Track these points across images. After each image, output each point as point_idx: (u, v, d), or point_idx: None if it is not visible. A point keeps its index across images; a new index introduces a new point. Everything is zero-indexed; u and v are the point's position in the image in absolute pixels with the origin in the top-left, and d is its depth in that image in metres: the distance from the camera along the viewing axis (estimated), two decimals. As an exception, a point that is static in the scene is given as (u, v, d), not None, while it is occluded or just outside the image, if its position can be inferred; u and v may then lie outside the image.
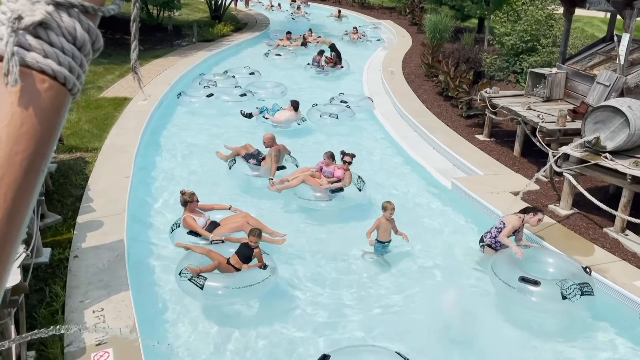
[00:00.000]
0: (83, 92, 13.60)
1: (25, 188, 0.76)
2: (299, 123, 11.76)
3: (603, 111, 7.54)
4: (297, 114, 11.73)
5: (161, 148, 10.79)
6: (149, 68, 16.37)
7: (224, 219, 7.44)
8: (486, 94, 10.90)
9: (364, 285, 6.79)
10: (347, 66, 17.45)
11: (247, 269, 6.19)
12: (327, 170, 8.56)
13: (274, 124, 11.57)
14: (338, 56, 17.22)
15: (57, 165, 9.12)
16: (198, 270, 6.02)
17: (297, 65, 17.88)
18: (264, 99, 13.47)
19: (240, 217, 7.40)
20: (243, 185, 9.09)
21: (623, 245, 7.13)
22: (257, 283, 6.02)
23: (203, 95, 13.05)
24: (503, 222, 6.90)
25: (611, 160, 7.34)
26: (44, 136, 0.77)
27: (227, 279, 6.08)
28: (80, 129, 11.08)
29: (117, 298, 5.80)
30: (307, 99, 13.38)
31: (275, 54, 18.68)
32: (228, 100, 12.97)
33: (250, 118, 12.01)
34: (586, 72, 10.18)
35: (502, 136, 11.13)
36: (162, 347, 5.39)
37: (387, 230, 7.14)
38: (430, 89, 14.75)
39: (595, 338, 5.90)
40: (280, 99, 13.36)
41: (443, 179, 9.39)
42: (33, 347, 5.04)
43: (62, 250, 6.68)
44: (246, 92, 13.44)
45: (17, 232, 0.76)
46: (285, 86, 14.46)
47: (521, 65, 14.44)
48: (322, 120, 11.95)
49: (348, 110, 12.36)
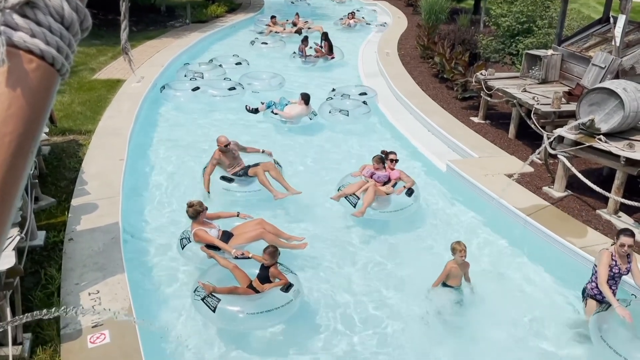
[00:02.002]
0: (75, 74, 13.51)
1: (14, 170, 0.75)
2: (311, 118, 10.95)
3: (598, 93, 7.53)
4: (308, 108, 10.93)
5: (156, 130, 10.73)
6: (142, 49, 16.20)
7: (235, 227, 6.77)
8: (482, 76, 10.87)
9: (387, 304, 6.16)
10: (339, 55, 15.90)
11: (267, 290, 5.57)
12: (380, 175, 7.83)
13: (283, 120, 10.86)
14: (329, 46, 15.71)
15: (50, 147, 9.07)
16: (212, 288, 5.48)
17: (285, 54, 16.40)
18: (259, 92, 12.64)
19: (254, 224, 6.70)
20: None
21: (616, 226, 7.17)
22: (276, 308, 5.38)
23: (189, 88, 12.10)
24: (595, 263, 5.59)
25: (605, 142, 7.36)
26: (33, 117, 0.76)
27: (243, 302, 5.47)
28: (73, 111, 11.00)
29: (112, 280, 5.82)
30: (294, 91, 12.57)
31: (261, 42, 17.36)
32: (216, 95, 12.08)
33: (256, 114, 11.14)
34: (582, 53, 10.15)
35: (497, 118, 11.12)
36: (158, 328, 5.42)
37: (459, 277, 5.98)
38: (426, 70, 14.68)
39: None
40: (278, 92, 12.54)
41: (438, 161, 9.40)
42: (29, 329, 5.06)
43: (56, 233, 6.67)
44: (235, 85, 12.41)
45: (7, 214, 0.76)
46: (282, 77, 13.43)
47: (517, 47, 14.37)
48: (333, 116, 11.06)
49: (362, 107, 11.38)
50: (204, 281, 5.63)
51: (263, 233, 6.49)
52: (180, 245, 6.53)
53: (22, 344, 4.88)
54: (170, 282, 6.34)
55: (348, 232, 7.53)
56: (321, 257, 6.93)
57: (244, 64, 14.76)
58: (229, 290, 5.57)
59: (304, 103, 10.86)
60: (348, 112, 11.06)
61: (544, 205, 7.67)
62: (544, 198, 7.89)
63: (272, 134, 10.83)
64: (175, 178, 8.85)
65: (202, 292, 5.45)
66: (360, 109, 11.35)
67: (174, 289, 6.23)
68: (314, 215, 7.95)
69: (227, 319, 5.37)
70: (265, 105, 11.08)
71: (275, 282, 5.62)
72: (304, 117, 10.90)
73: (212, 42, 18.38)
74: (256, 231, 6.52)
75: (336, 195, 7.65)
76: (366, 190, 7.50)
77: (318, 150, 10.25)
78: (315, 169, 9.48)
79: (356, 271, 6.73)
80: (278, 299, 5.46)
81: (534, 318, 5.95)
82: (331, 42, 15.80)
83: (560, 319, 5.95)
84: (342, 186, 7.88)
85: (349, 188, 7.64)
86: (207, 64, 14.03)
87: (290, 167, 9.19)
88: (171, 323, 5.70)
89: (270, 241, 6.39)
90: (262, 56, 16.53)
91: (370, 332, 5.73)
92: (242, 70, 14.13)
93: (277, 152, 9.15)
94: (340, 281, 6.50)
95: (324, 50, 15.64)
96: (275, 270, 5.64)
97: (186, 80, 12.54)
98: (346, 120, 11.03)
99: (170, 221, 7.54)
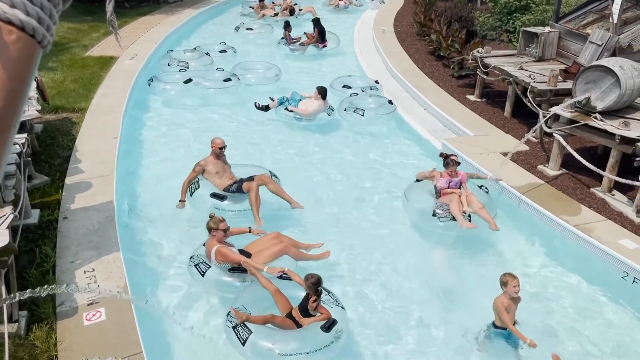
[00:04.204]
0: (67, 51, 13.34)
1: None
2: (329, 114, 9.95)
3: (594, 71, 7.49)
4: (326, 102, 9.88)
5: (150, 108, 10.64)
6: (135, 26, 15.98)
7: (250, 245, 6.00)
8: (478, 53, 10.79)
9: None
10: (334, 42, 14.48)
11: (308, 325, 4.92)
12: (455, 180, 7.15)
13: (297, 117, 9.81)
14: (321, 33, 14.17)
15: (43, 125, 8.99)
16: (245, 317, 4.87)
17: (272, 40, 15.06)
18: (252, 84, 11.57)
19: (270, 239, 5.99)
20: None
21: (609, 205, 7.22)
22: (312, 351, 4.71)
23: (180, 80, 10.91)
24: None
25: (601, 120, 7.35)
26: (14, 90, 0.74)
27: (277, 338, 4.81)
28: (66, 89, 10.88)
29: (107, 259, 5.83)
30: (285, 84, 11.84)
31: (246, 27, 15.86)
32: (210, 87, 10.95)
33: (266, 111, 10.07)
34: (579, 31, 10.07)
35: (493, 97, 11.08)
36: (154, 306, 5.45)
37: (513, 312, 5.15)
38: (422, 48, 14.56)
39: (580, 296, 6.04)
40: (274, 84, 11.66)
41: (433, 139, 9.38)
42: (25, 307, 5.07)
43: (51, 212, 6.65)
44: (230, 76, 11.26)
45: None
46: (278, 68, 12.12)
47: (514, 24, 14.25)
48: (349, 114, 9.96)
49: (386, 106, 10.16)
50: (236, 306, 5.04)
51: (286, 247, 5.88)
52: (199, 272, 5.68)
53: (17, 321, 4.90)
54: (165, 260, 6.36)
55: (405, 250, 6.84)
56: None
57: (229, 52, 13.53)
58: (264, 320, 4.93)
59: (320, 98, 9.79)
60: (364, 111, 9.88)
61: (539, 183, 7.69)
62: (538, 176, 7.90)
63: (284, 132, 9.86)
64: (170, 156, 8.81)
65: (234, 319, 4.90)
66: (383, 108, 10.14)
67: (169, 267, 6.25)
68: (348, 230, 7.11)
69: (257, 355, 4.77)
70: (278, 102, 10.06)
71: (317, 317, 4.96)
72: (322, 113, 9.90)
73: (207, 18, 18.12)
74: (277, 246, 5.85)
75: (463, 223, 6.67)
76: (465, 200, 6.87)
77: (338, 150, 9.30)
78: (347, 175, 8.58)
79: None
80: (317, 338, 4.78)
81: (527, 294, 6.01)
82: (323, 29, 14.30)
83: (554, 297, 6.02)
84: (408, 195, 7.22)
85: (455, 208, 6.75)
86: (192, 52, 12.87)
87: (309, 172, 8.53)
88: (167, 300, 5.73)
89: (294, 255, 5.94)
90: (247, 43, 15.24)
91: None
92: (228, 59, 13.04)
93: (291, 155, 8.84)
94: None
95: (315, 36, 14.20)
96: (316, 304, 4.93)
97: (175, 72, 11.42)
98: (363, 120, 9.88)
99: (165, 200, 7.52)
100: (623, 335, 5.53)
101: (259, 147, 9.30)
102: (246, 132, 9.82)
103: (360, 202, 7.76)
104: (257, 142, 9.48)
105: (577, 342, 5.40)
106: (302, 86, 11.28)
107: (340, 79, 11.58)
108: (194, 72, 11.43)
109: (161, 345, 5.14)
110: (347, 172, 8.59)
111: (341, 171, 8.63)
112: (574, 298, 6.00)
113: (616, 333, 5.56)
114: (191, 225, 6.95)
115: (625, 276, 5.99)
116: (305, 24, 16.09)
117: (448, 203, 6.89)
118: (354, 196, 7.92)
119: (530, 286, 6.12)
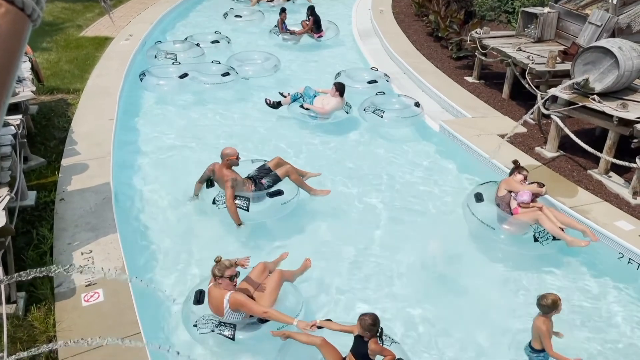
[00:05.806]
0: (62, 31, 13.19)
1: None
2: (347, 111, 9.26)
3: (593, 52, 7.45)
4: (343, 100, 9.17)
5: (145, 90, 10.55)
6: (130, 6, 15.79)
7: (243, 285, 5.06)
8: (477, 34, 10.70)
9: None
10: (333, 32, 13.53)
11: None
12: (531, 194, 6.33)
13: (313, 115, 9.08)
14: (316, 22, 13.17)
15: (38, 107, 8.92)
16: None
17: (263, 29, 14.12)
18: (249, 78, 10.78)
19: (259, 273, 5.19)
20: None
21: (606, 186, 7.24)
22: None
23: (174, 75, 10.13)
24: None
25: (599, 102, 7.33)
26: (4, 64, 0.72)
27: None
28: (61, 70, 10.78)
29: (105, 240, 5.83)
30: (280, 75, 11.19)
31: (235, 14, 14.80)
32: (207, 82, 10.13)
33: (278, 108, 9.36)
34: (579, 11, 9.99)
35: (492, 78, 11.02)
36: (151, 286, 5.47)
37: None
38: (421, 29, 14.43)
39: (576, 277, 6.08)
40: (273, 76, 10.98)
41: (431, 121, 9.35)
42: (23, 288, 5.09)
43: (47, 193, 6.64)
44: (229, 69, 10.42)
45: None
46: (277, 58, 11.26)
47: (513, 5, 14.12)
48: (368, 115, 9.21)
49: (411, 108, 9.31)
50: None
51: (285, 275, 5.16)
52: (229, 337, 4.70)
53: (16, 302, 4.92)
54: (162, 241, 6.36)
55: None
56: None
57: (222, 42, 12.56)
58: None
59: (338, 94, 9.08)
60: (384, 112, 9.07)
61: (536, 165, 7.70)
62: (536, 158, 7.90)
63: (295, 131, 9.18)
64: (167, 139, 8.76)
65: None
66: (408, 109, 9.29)
67: (167, 248, 6.26)
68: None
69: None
70: (291, 98, 9.27)
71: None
72: (339, 110, 9.21)
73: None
74: (273, 280, 5.04)
75: (576, 242, 5.99)
76: (551, 215, 6.16)
77: (364, 150, 8.74)
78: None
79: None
80: None
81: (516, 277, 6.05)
82: (319, 18, 13.26)
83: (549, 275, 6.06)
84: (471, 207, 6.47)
85: (552, 227, 6.02)
86: (182, 43, 12.00)
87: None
88: (164, 281, 5.75)
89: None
90: (236, 31, 14.17)
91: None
92: (222, 50, 12.22)
93: (309, 158, 8.21)
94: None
95: (309, 25, 13.20)
96: (378, 347, 4.21)
97: (169, 65, 10.56)
98: (384, 123, 9.09)
99: (162, 182, 7.51)
100: (616, 314, 5.59)
101: (264, 147, 8.61)
102: (247, 131, 9.14)
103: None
104: (262, 141, 8.81)
105: (572, 321, 5.44)
106: (301, 79, 10.77)
107: (347, 71, 10.68)
108: (189, 65, 10.57)
109: (159, 325, 5.17)
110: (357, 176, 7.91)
111: (351, 176, 7.92)
112: (569, 277, 6.03)
113: (611, 313, 5.60)
114: (189, 206, 6.95)
115: (620, 257, 6.03)
116: (302, 11, 14.99)
117: (526, 220, 6.13)
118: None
119: (518, 268, 6.15)
